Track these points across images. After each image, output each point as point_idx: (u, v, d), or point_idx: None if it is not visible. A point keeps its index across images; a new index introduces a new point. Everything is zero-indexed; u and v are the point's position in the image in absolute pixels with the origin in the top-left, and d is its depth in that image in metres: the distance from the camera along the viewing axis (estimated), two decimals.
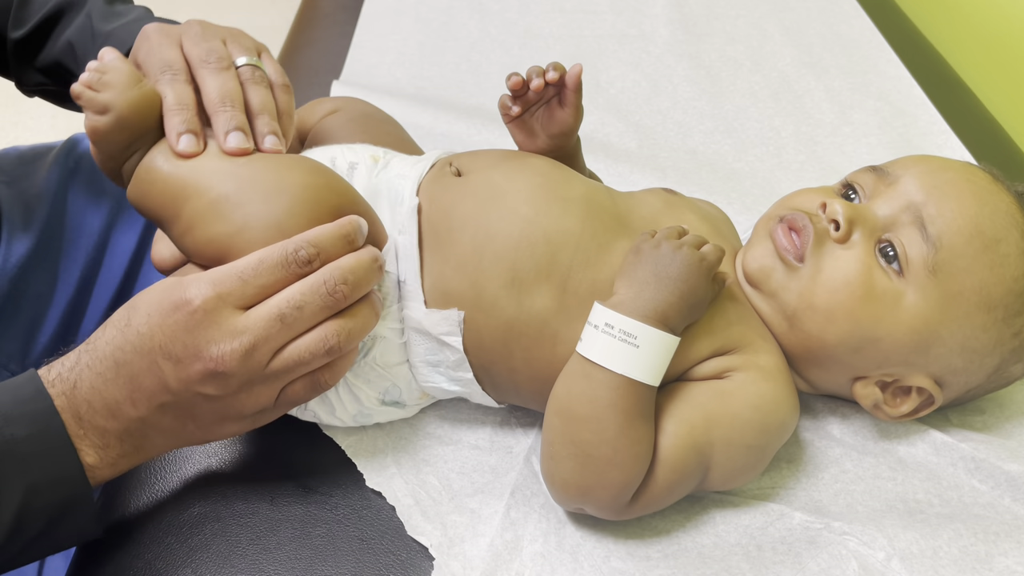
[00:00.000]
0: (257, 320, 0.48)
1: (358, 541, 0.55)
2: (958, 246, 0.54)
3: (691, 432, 0.52)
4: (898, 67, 1.05)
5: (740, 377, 0.54)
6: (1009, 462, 0.58)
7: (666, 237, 0.54)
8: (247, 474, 0.59)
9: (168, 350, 0.48)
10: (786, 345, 0.57)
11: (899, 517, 0.55)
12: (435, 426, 0.62)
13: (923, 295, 0.54)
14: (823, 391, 0.61)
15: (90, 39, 0.74)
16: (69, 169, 0.89)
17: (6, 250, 0.80)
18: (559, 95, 0.62)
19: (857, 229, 0.56)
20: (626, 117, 0.96)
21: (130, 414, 0.49)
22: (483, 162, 0.61)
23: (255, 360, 0.48)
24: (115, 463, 0.51)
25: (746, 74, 1.04)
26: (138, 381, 0.49)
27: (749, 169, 0.89)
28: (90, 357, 0.50)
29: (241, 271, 0.48)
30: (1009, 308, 0.55)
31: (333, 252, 0.50)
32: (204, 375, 0.48)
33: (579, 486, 0.52)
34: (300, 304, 0.48)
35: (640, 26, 1.13)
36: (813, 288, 0.55)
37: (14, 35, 0.77)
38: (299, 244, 0.49)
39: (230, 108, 0.54)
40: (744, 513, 0.56)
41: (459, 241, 0.56)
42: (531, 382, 0.57)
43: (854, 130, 0.95)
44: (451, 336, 0.56)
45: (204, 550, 0.55)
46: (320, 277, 0.49)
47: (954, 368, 0.56)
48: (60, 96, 0.80)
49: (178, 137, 0.53)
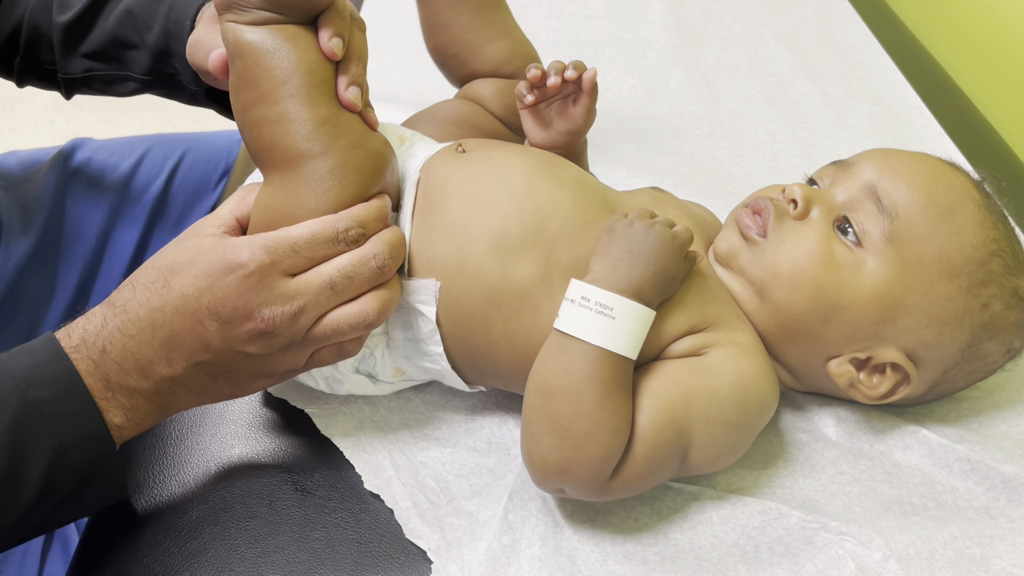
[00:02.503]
0: (308, 285, 0.51)
1: (356, 545, 0.55)
2: (913, 215, 0.56)
3: (669, 407, 0.53)
4: (893, 71, 1.06)
5: (718, 353, 0.55)
6: (1004, 463, 0.59)
7: (639, 216, 0.55)
8: (245, 478, 0.59)
9: (217, 311, 0.49)
10: (759, 324, 0.59)
11: (895, 519, 0.56)
12: (433, 428, 0.62)
13: (883, 262, 0.56)
14: (802, 378, 0.61)
15: (154, 1, 0.72)
16: (67, 174, 0.89)
17: (4, 255, 0.81)
18: (575, 94, 0.64)
19: (815, 207, 0.59)
20: (623, 122, 0.96)
21: (163, 373, 0.51)
22: (488, 144, 0.63)
23: (301, 323, 0.51)
24: (141, 422, 0.52)
25: (742, 79, 1.05)
26: (177, 340, 0.50)
27: (745, 173, 0.90)
28: (121, 320, 0.50)
29: (295, 241, 0.51)
30: (972, 276, 0.56)
31: (374, 230, 0.53)
32: (252, 334, 0.50)
33: (558, 462, 0.52)
34: (351, 274, 0.51)
35: (637, 31, 1.14)
36: (777, 259, 0.57)
37: (61, 19, 0.74)
38: (348, 223, 0.52)
39: (362, 65, 0.56)
40: (741, 513, 0.56)
41: (450, 207, 0.57)
42: (511, 357, 0.57)
43: (849, 134, 0.95)
44: (426, 305, 0.56)
45: (203, 554, 0.55)
46: (370, 250, 0.52)
47: (925, 341, 0.57)
48: (108, 81, 0.78)
49: (330, 39, 0.53)
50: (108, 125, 2.00)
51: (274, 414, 0.64)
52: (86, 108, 2.03)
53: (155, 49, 0.72)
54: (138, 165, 0.92)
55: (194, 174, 0.94)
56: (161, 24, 0.71)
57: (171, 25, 0.70)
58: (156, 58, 0.73)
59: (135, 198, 0.91)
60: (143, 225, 0.90)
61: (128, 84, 0.76)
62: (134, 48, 0.73)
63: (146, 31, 0.72)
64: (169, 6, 0.71)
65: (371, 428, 0.62)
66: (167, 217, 0.93)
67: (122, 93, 0.78)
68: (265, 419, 0.63)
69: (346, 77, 0.54)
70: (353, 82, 0.54)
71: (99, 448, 0.50)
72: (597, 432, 0.51)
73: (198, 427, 0.63)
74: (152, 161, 0.93)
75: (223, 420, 0.63)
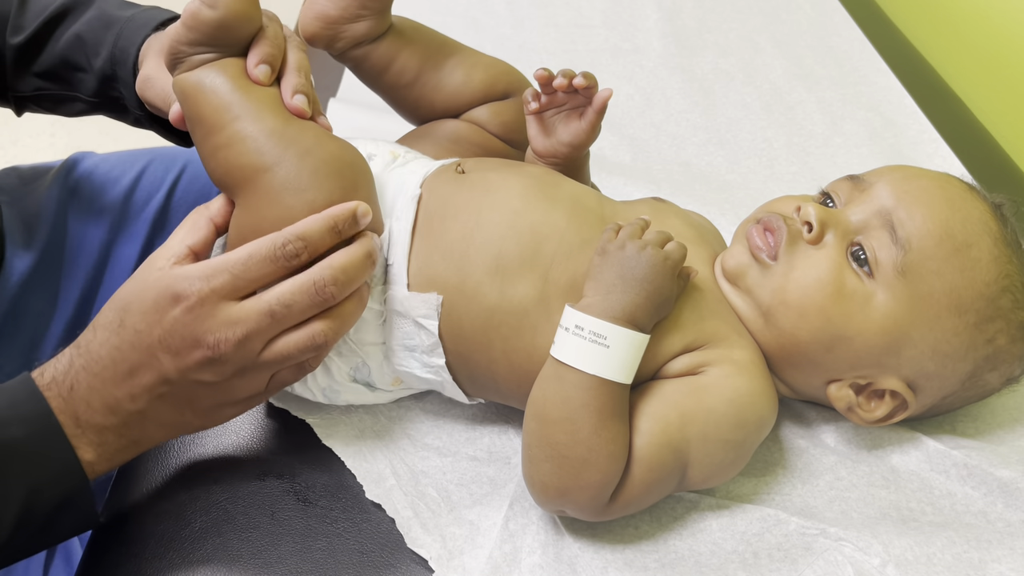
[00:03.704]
0: (249, 312, 0.51)
1: (358, 554, 0.56)
2: (927, 248, 0.55)
3: (666, 430, 0.53)
4: (889, 78, 1.07)
5: (714, 372, 0.55)
6: (1001, 468, 0.59)
7: (630, 237, 0.54)
8: (247, 489, 0.60)
9: (167, 343, 0.50)
10: (763, 344, 0.58)
11: (893, 524, 0.56)
12: (433, 437, 0.62)
13: (892, 295, 0.55)
14: (801, 395, 0.62)
15: (103, 28, 0.74)
16: (69, 188, 0.90)
17: (7, 268, 0.81)
18: (583, 107, 0.64)
19: (829, 231, 0.57)
20: (620, 130, 0.97)
21: (129, 408, 0.52)
22: (486, 164, 0.63)
23: (248, 349, 0.51)
24: (112, 457, 0.53)
25: (738, 86, 1.05)
26: (137, 376, 0.51)
27: (742, 180, 0.90)
28: (84, 360, 0.52)
29: (232, 266, 0.51)
30: (980, 313, 0.55)
31: (321, 244, 0.52)
32: (202, 362, 0.51)
33: (557, 487, 0.53)
34: (289, 303, 0.51)
35: (633, 40, 1.14)
36: (786, 285, 0.57)
37: (13, 41, 0.77)
38: (287, 238, 0.51)
39: (304, 76, 0.57)
40: (740, 520, 0.57)
41: (450, 229, 0.58)
42: (510, 374, 0.57)
43: (845, 141, 0.96)
44: (428, 319, 0.57)
45: (206, 565, 0.55)
46: (310, 277, 0.51)
47: (926, 372, 0.57)
48: (57, 100, 0.80)
49: (256, 66, 0.55)
50: (108, 138, 2.01)
51: (275, 424, 0.64)
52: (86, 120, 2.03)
53: (101, 73, 0.75)
54: (139, 179, 0.93)
55: (195, 188, 0.94)
56: (108, 50, 0.74)
57: (118, 52, 0.73)
58: (102, 81, 0.75)
59: (136, 213, 0.91)
60: (144, 239, 0.91)
61: (76, 104, 0.79)
62: (82, 71, 0.76)
63: (94, 56, 0.75)
64: (117, 33, 0.74)
65: (372, 438, 0.62)
66: (168, 231, 0.93)
67: (70, 113, 0.80)
68: (267, 430, 0.64)
69: (289, 87, 0.55)
70: (297, 91, 0.55)
71: (72, 484, 0.51)
72: (594, 460, 0.51)
73: (200, 438, 0.63)
74: (153, 175, 0.94)
75: (225, 431, 0.63)
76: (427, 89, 0.69)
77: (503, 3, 1.21)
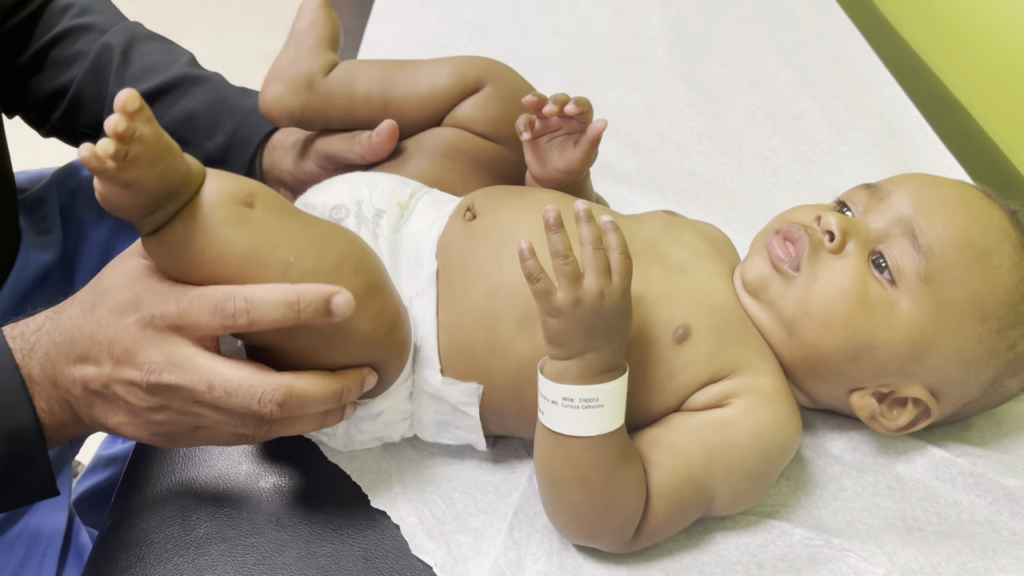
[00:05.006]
0: (192, 369, 0.48)
1: (363, 561, 0.56)
2: (949, 255, 0.55)
3: (689, 466, 0.53)
4: (893, 87, 1.07)
5: (740, 403, 0.54)
6: (1007, 477, 0.59)
7: (575, 286, 0.49)
8: (253, 495, 0.60)
9: (113, 348, 0.50)
10: (785, 356, 0.58)
11: (898, 534, 0.56)
12: (438, 446, 0.63)
13: (917, 303, 0.55)
14: (822, 405, 0.62)
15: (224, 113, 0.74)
16: (70, 191, 0.91)
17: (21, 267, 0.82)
18: (577, 134, 0.62)
19: (851, 240, 0.57)
20: (625, 138, 0.97)
21: (70, 390, 0.52)
22: (494, 200, 0.61)
23: (178, 396, 0.49)
24: (59, 428, 0.53)
25: (743, 95, 1.05)
26: (83, 364, 0.51)
27: (747, 189, 0.90)
28: (52, 326, 0.52)
29: (178, 301, 0.48)
30: (1003, 320, 0.56)
31: (268, 315, 0.47)
32: (128, 381, 0.49)
33: (581, 535, 0.54)
34: (231, 392, 0.48)
35: (638, 49, 1.15)
36: (809, 296, 0.56)
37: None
38: (234, 294, 0.47)
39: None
40: (745, 531, 0.57)
41: (473, 287, 0.56)
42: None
43: (850, 149, 0.96)
44: (469, 407, 0.57)
45: (211, 570, 0.55)
46: (262, 385, 0.48)
47: (950, 379, 0.57)
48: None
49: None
50: None
51: None
52: None
53: (210, 156, 0.74)
54: None
55: None
56: (225, 138, 0.74)
57: (235, 144, 0.74)
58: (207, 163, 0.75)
59: None
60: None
61: None
62: (186, 145, 0.74)
63: (206, 137, 0.75)
64: (239, 123, 0.74)
65: (378, 446, 0.62)
66: None
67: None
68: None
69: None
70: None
71: (27, 440, 0.52)
72: (612, 508, 0.52)
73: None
74: None
75: None
76: (399, 103, 0.66)
77: (509, 12, 1.22)
